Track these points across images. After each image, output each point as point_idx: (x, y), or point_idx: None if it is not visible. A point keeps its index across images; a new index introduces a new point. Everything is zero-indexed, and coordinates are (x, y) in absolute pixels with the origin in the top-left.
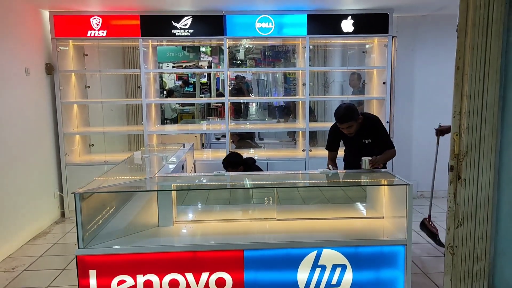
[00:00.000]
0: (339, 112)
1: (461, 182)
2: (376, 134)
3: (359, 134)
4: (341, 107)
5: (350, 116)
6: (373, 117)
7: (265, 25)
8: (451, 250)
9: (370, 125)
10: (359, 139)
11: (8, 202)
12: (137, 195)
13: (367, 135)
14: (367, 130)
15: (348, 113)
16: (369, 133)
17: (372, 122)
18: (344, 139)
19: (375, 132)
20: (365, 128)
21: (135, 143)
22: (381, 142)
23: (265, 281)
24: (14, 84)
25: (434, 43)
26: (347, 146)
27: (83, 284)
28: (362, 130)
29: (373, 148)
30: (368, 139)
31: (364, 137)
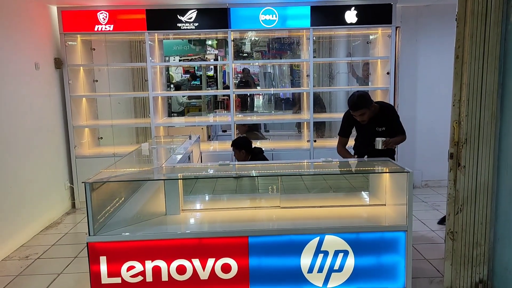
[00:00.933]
0: (352, 100)
1: (460, 169)
2: (390, 122)
3: (373, 122)
4: (354, 95)
5: (363, 104)
6: (387, 105)
7: (269, 17)
8: (451, 236)
9: (385, 113)
10: (373, 127)
11: (21, 193)
12: (145, 186)
13: (381, 123)
14: (381, 118)
15: (361, 101)
16: (383, 121)
17: (387, 110)
18: (357, 127)
19: (389, 120)
20: (380, 116)
21: (142, 135)
22: (394, 130)
23: (269, 266)
24: (24, 79)
25: (437, 33)
26: (360, 133)
27: (94, 269)
28: (377, 118)
29: (385, 135)
30: (382, 127)
31: (377, 125)
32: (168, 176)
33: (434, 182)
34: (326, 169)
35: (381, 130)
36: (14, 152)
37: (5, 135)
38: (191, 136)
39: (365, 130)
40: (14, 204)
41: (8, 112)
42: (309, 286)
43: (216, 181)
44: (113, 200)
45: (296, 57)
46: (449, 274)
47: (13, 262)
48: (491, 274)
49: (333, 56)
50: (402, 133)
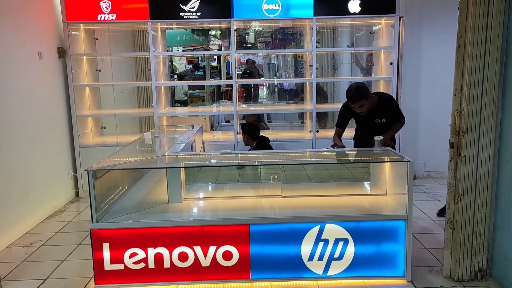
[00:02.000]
0: (349, 91)
1: (461, 158)
2: (389, 113)
3: (373, 113)
4: (351, 87)
5: (361, 96)
6: (386, 96)
7: (272, 6)
8: (451, 225)
9: (384, 105)
10: (372, 118)
11: (25, 182)
12: (147, 175)
13: (381, 114)
14: (380, 110)
15: (359, 93)
16: (383, 113)
17: (386, 101)
18: (356, 118)
19: (389, 111)
20: (379, 107)
21: (145, 125)
22: (394, 120)
23: (270, 254)
24: (27, 68)
25: (441, 23)
26: (359, 125)
27: (97, 256)
28: (376, 109)
29: (385, 128)
30: (382, 119)
31: (377, 116)
32: (170, 164)
33: (437, 173)
34: (328, 158)
35: (380, 121)
36: (19, 141)
37: (9, 124)
38: (194, 126)
39: (364, 121)
40: (19, 192)
41: (12, 101)
42: (309, 274)
43: (219, 170)
44: (116, 189)
45: (299, 48)
46: (448, 263)
47: (18, 249)
48: (490, 263)
49: (336, 46)
50: (400, 120)
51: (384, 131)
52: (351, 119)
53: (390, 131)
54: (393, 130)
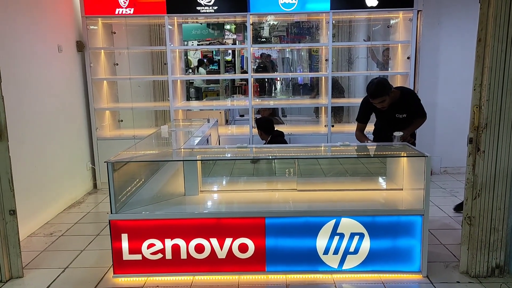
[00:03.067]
0: (370, 87)
1: (480, 154)
2: (411, 109)
3: (393, 108)
4: (372, 82)
5: (382, 91)
6: (408, 91)
7: (288, 0)
8: (469, 220)
9: (406, 100)
10: (393, 113)
11: (45, 173)
12: (164, 167)
13: (402, 110)
14: (402, 105)
15: (380, 88)
16: (404, 108)
17: (408, 96)
18: (376, 113)
19: (410, 107)
20: (401, 102)
21: (161, 118)
22: (416, 115)
23: (285, 247)
24: (48, 61)
25: (461, 17)
26: (379, 119)
27: (116, 246)
28: (397, 104)
29: (406, 123)
30: (403, 114)
31: (398, 111)
32: (186, 157)
33: (453, 169)
34: (344, 153)
35: (402, 116)
36: (39, 133)
37: (30, 116)
38: (210, 120)
39: (385, 116)
40: (39, 183)
41: (32, 93)
42: (324, 267)
43: (234, 164)
44: (134, 181)
45: (315, 42)
46: (465, 258)
47: (38, 239)
48: (508, 259)
49: (352, 40)
50: (422, 115)
51: (404, 126)
52: (372, 114)
53: (411, 126)
54: (414, 126)
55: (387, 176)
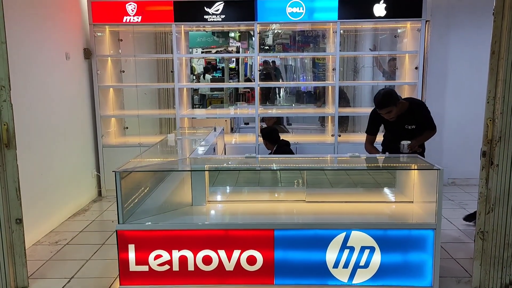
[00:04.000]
0: (377, 98)
1: (493, 167)
2: (420, 120)
3: (402, 119)
4: (379, 93)
5: (388, 102)
6: (419, 102)
7: (296, 9)
8: (482, 235)
9: (415, 111)
10: (402, 124)
11: (51, 180)
12: (170, 176)
13: (411, 121)
14: (411, 116)
15: (387, 99)
16: (413, 119)
17: (417, 107)
18: (385, 124)
19: (419, 118)
20: (409, 113)
21: (165, 126)
22: (425, 127)
23: (295, 260)
24: (55, 68)
25: (469, 28)
26: (388, 130)
27: (123, 257)
28: (406, 115)
29: (415, 135)
30: (412, 125)
31: (407, 123)
32: (196, 167)
33: (462, 180)
34: (353, 164)
35: (410, 128)
36: (46, 140)
37: (38, 122)
38: (216, 128)
39: (393, 127)
40: (45, 190)
41: (40, 100)
42: (334, 281)
43: (238, 173)
44: (140, 190)
45: (319, 50)
46: (478, 274)
47: (44, 247)
48: None
49: (358, 49)
50: (431, 128)
51: (413, 138)
52: (381, 125)
53: (420, 137)
54: (423, 138)
55: (397, 188)
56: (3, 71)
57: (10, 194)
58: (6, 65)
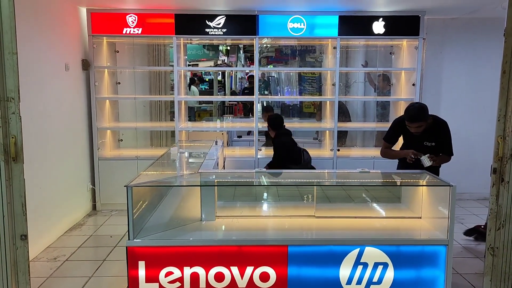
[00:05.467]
0: (411, 110)
1: (504, 184)
2: (440, 139)
3: (423, 136)
4: (414, 106)
5: (422, 116)
6: (442, 121)
7: (297, 25)
8: (492, 251)
9: (437, 129)
10: (422, 140)
11: (47, 194)
12: (175, 190)
13: (431, 138)
14: (432, 133)
15: (421, 113)
16: (433, 137)
17: (440, 126)
18: (405, 137)
19: (440, 137)
20: (432, 131)
21: (157, 139)
22: (442, 148)
23: (308, 276)
24: (55, 79)
25: (463, 46)
26: (407, 145)
27: (132, 274)
28: (428, 132)
29: (432, 152)
30: (432, 142)
31: (427, 139)
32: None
33: (458, 195)
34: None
35: (430, 145)
36: (42, 152)
37: (38, 135)
38: (217, 142)
39: (413, 142)
40: (42, 204)
41: (39, 112)
42: None
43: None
44: (147, 204)
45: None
46: None
47: (42, 264)
48: None
49: (350, 65)
50: (449, 153)
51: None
52: (400, 137)
53: (439, 158)
54: (440, 159)
55: (403, 203)
56: (13, 82)
57: (16, 209)
58: (16, 77)
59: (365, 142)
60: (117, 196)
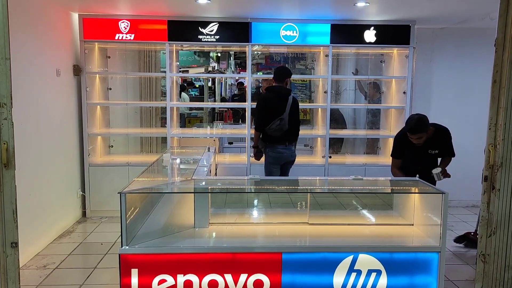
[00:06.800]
0: (411, 123)
1: (495, 192)
2: (443, 145)
3: (427, 144)
4: (413, 118)
5: (422, 128)
6: (444, 128)
7: (289, 33)
8: (483, 258)
9: (439, 137)
10: (425, 149)
11: (37, 200)
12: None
13: (435, 146)
14: (435, 141)
15: (420, 125)
16: (436, 144)
17: (442, 133)
18: (408, 147)
19: (443, 143)
20: (435, 139)
21: (147, 145)
22: (445, 152)
23: (302, 284)
24: (46, 85)
25: (451, 55)
26: (411, 154)
27: (125, 282)
28: (431, 140)
29: (436, 159)
30: (435, 150)
31: (431, 147)
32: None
33: None
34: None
35: (434, 152)
36: (33, 158)
37: (28, 141)
38: (210, 148)
39: (417, 152)
40: (31, 211)
41: (30, 117)
42: None
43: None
44: (139, 211)
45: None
46: None
47: (31, 271)
48: None
49: (340, 73)
50: (452, 155)
51: (434, 162)
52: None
53: (444, 163)
54: (446, 163)
55: (395, 210)
56: (5, 88)
57: (7, 216)
58: (9, 82)
59: (355, 150)
60: (107, 202)
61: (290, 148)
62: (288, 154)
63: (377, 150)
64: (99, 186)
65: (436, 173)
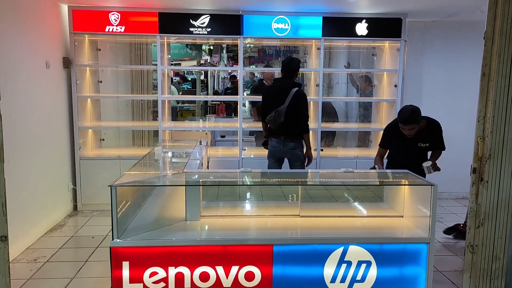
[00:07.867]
0: (404, 113)
1: (483, 184)
2: (434, 139)
3: (417, 137)
4: (407, 109)
5: (414, 119)
6: (435, 122)
7: (281, 25)
8: (471, 249)
9: (430, 130)
10: (415, 142)
11: (27, 194)
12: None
13: (425, 139)
14: (426, 135)
15: (413, 115)
16: (427, 138)
17: (433, 127)
18: (398, 140)
19: (434, 137)
20: (425, 132)
21: (139, 138)
22: (435, 146)
23: (293, 275)
24: (35, 77)
25: (442, 48)
26: (399, 146)
27: (116, 275)
28: (422, 133)
29: (425, 152)
30: (425, 143)
31: (421, 141)
32: (190, 182)
33: None
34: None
35: (424, 146)
36: (22, 152)
37: (16, 134)
38: (202, 142)
39: (406, 144)
40: (21, 204)
41: (19, 110)
42: None
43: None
44: (130, 204)
45: None
46: (467, 286)
47: (22, 265)
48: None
49: (332, 66)
50: (442, 148)
51: (423, 155)
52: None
53: (435, 157)
54: (437, 157)
55: (385, 202)
56: None
57: None
58: None
59: (347, 143)
60: (98, 196)
61: (286, 144)
62: (280, 149)
63: (369, 143)
64: (90, 180)
65: (426, 166)
